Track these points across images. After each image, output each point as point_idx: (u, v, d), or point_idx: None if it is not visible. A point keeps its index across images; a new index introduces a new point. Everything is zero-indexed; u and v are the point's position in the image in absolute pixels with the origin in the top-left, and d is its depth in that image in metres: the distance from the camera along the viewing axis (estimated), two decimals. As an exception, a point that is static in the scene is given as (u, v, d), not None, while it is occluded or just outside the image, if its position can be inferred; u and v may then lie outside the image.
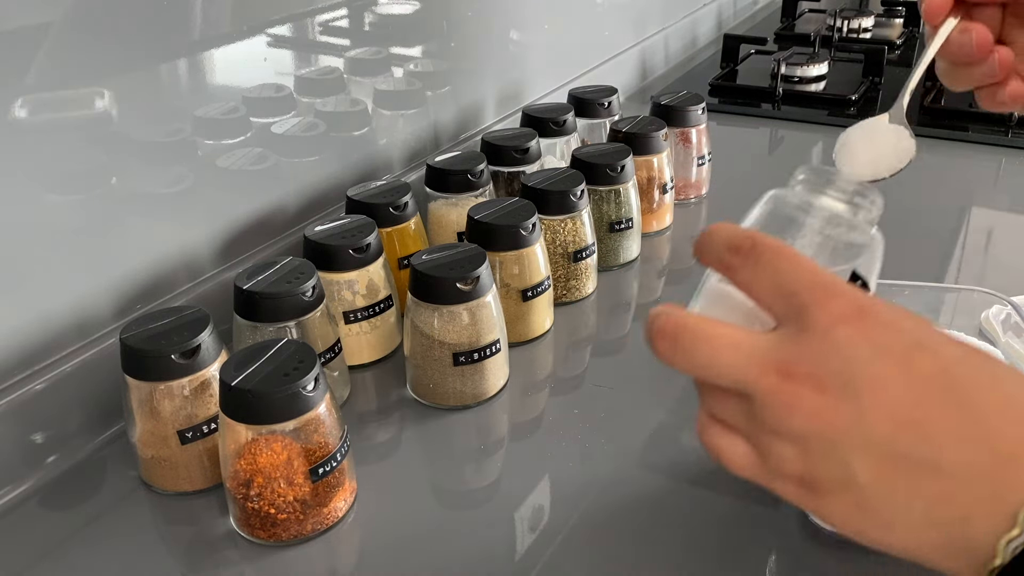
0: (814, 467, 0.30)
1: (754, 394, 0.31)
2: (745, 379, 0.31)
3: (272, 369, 0.48)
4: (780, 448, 0.31)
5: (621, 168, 0.78)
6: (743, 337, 0.32)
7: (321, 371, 0.49)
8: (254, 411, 0.47)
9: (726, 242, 0.33)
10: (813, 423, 0.30)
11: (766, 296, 0.32)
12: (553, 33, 1.09)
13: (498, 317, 0.62)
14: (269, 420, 0.47)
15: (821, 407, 0.30)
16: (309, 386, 0.47)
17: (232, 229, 0.69)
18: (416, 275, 0.59)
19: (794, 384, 0.30)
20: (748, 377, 0.31)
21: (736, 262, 0.33)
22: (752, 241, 0.33)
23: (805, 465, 0.31)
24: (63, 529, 0.52)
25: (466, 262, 0.60)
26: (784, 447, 0.31)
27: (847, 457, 0.29)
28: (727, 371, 0.32)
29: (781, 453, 0.31)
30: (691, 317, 0.33)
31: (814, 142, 1.13)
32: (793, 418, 0.30)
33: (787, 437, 0.31)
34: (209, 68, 0.64)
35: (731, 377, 0.32)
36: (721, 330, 0.32)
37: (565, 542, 0.50)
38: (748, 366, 0.31)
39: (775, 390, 0.30)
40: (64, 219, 0.56)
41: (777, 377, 0.30)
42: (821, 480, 0.30)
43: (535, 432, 0.61)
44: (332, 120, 0.77)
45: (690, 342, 0.32)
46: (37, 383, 0.55)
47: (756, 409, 0.31)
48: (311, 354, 0.49)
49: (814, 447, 0.30)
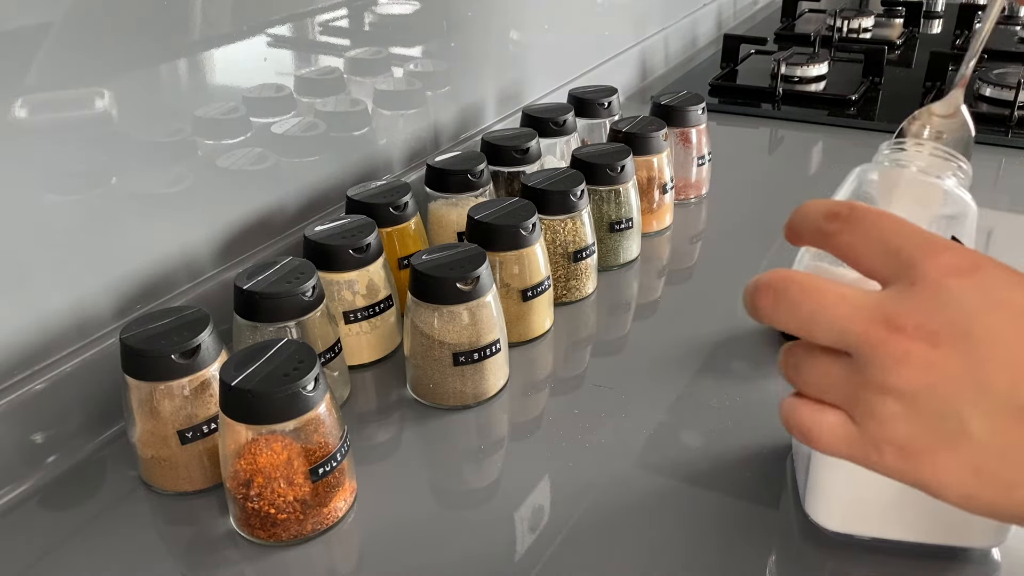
0: (924, 425, 0.29)
1: (860, 348, 0.30)
2: (851, 331, 0.30)
3: (272, 369, 0.48)
4: (885, 407, 0.29)
5: (621, 168, 0.78)
6: (851, 291, 0.31)
7: (321, 371, 0.49)
8: (254, 411, 0.47)
9: (823, 212, 0.33)
10: (924, 377, 0.28)
11: (871, 256, 0.31)
12: (553, 33, 1.09)
13: (498, 317, 0.62)
14: (269, 420, 0.47)
15: (933, 360, 0.28)
16: (309, 386, 0.47)
17: (232, 229, 0.69)
18: (416, 275, 0.59)
19: (904, 337, 0.29)
20: (855, 329, 0.30)
21: (836, 227, 0.32)
22: (850, 207, 0.32)
23: (913, 425, 0.29)
24: (63, 529, 0.52)
25: (466, 262, 0.60)
26: (890, 405, 0.29)
27: (962, 412, 0.28)
28: (833, 323, 0.30)
29: (886, 413, 0.29)
30: (798, 272, 0.32)
31: (814, 142, 1.13)
32: (902, 372, 0.29)
33: (894, 393, 0.29)
34: (209, 68, 0.64)
35: (836, 329, 0.30)
36: (829, 285, 0.31)
37: (565, 542, 0.50)
38: (855, 318, 0.30)
39: (883, 342, 0.29)
40: (64, 219, 0.56)
41: (886, 330, 0.29)
42: (930, 440, 0.29)
43: (535, 432, 0.61)
44: (332, 120, 0.77)
45: (797, 293, 0.31)
46: (37, 383, 0.55)
47: (860, 366, 0.30)
48: (311, 354, 0.49)
49: (924, 403, 0.29)
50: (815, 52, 1.36)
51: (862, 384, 0.30)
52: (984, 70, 1.23)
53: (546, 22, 1.07)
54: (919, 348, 0.29)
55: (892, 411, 0.29)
